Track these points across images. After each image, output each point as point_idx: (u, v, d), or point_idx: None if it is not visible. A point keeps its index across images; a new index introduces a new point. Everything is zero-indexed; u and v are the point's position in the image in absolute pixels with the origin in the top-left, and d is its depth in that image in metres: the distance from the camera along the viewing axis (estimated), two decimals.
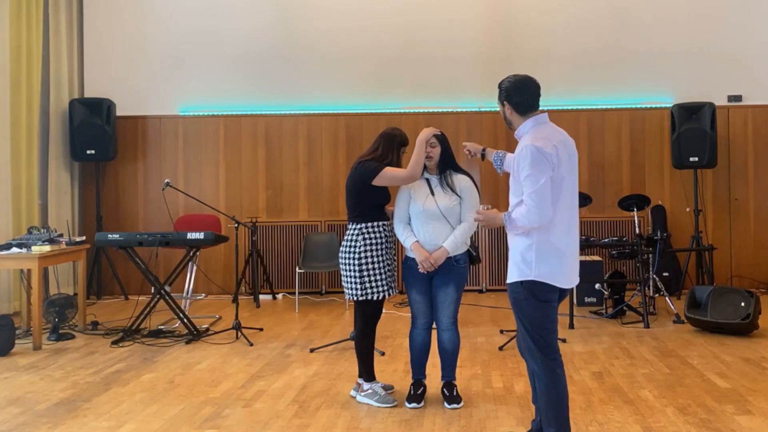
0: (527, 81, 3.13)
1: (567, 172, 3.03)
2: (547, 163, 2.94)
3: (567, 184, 3.03)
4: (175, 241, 5.87)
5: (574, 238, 3.11)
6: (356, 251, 3.95)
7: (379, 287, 3.97)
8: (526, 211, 2.96)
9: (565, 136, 3.13)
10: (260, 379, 4.59)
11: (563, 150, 3.03)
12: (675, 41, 7.95)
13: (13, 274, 6.77)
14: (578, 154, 3.22)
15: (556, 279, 3.03)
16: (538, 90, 3.14)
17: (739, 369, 4.64)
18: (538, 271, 3.00)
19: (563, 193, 3.01)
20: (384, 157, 4.00)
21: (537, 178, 2.92)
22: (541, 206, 2.93)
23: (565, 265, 3.05)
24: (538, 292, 3.02)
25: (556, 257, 3.02)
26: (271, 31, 8.21)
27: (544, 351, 3.03)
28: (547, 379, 3.03)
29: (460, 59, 8.02)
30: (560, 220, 3.02)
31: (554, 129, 3.12)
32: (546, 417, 3.05)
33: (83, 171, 8.28)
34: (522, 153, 2.99)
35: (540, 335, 3.03)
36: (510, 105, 3.13)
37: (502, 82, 3.19)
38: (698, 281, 7.45)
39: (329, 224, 8.05)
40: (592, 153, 7.97)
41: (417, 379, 4.09)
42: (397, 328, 6.05)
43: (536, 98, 3.13)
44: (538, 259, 3.00)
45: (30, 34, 7.28)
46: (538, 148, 2.94)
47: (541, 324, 3.03)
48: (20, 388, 4.47)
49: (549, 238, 3.01)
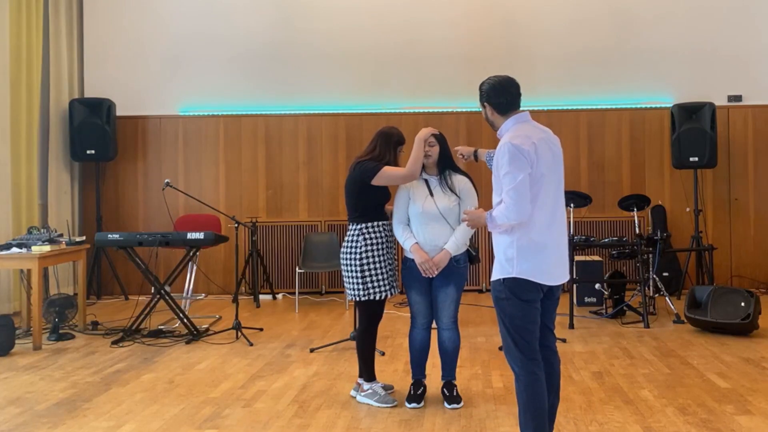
0: (506, 82, 3.15)
1: (548, 170, 3.04)
2: (525, 160, 2.95)
3: (548, 182, 3.05)
4: (175, 241, 5.87)
5: (558, 235, 3.11)
6: (357, 251, 3.95)
7: (381, 287, 3.97)
8: (505, 208, 2.97)
9: (548, 134, 3.15)
10: (260, 379, 4.59)
11: (544, 148, 3.05)
12: (675, 41, 7.95)
13: (13, 274, 6.77)
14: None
15: (537, 276, 3.01)
16: (518, 90, 3.16)
17: (739, 369, 4.64)
18: (519, 268, 3.00)
19: (543, 190, 3.02)
20: (381, 156, 4.00)
21: (515, 175, 2.94)
22: (520, 203, 2.94)
23: (547, 262, 3.04)
24: (519, 291, 3.00)
25: (537, 254, 3.01)
26: (270, 31, 8.21)
27: (524, 352, 3.01)
28: (525, 380, 3.00)
29: (459, 59, 8.02)
30: (540, 217, 3.02)
31: (535, 127, 3.14)
32: (524, 418, 3.02)
33: (83, 171, 8.28)
34: (500, 151, 3.01)
35: (520, 335, 3.01)
36: (490, 106, 3.16)
37: (483, 84, 3.20)
38: (698, 281, 7.45)
39: (329, 224, 8.05)
40: (592, 153, 7.97)
41: (417, 379, 4.09)
42: (397, 328, 6.05)
43: (516, 98, 3.15)
44: (519, 256, 3.00)
45: (30, 35, 7.28)
46: (516, 145, 2.96)
47: (522, 324, 3.01)
48: (20, 388, 4.47)
49: (529, 234, 3.01)
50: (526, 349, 3.01)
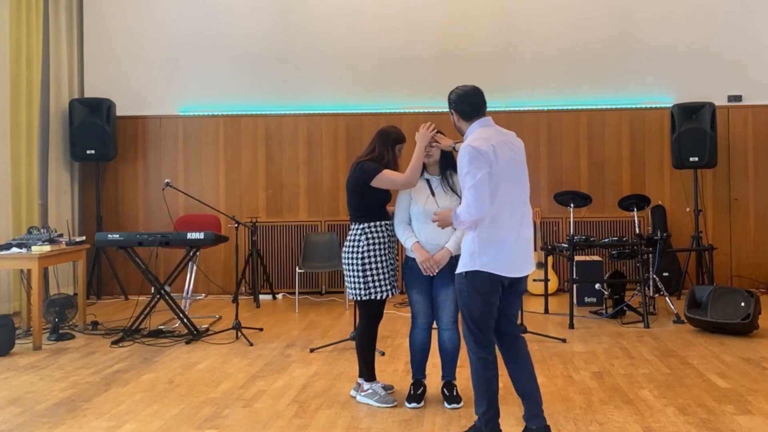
0: (470, 91, 3.47)
1: (507, 169, 3.30)
2: (484, 160, 3.22)
3: (507, 180, 3.29)
4: (175, 241, 5.87)
5: (519, 229, 3.33)
6: (359, 251, 3.95)
7: (382, 287, 3.98)
8: (466, 205, 3.23)
9: (509, 137, 3.42)
10: (260, 379, 4.59)
11: (504, 149, 3.32)
12: (675, 41, 7.95)
13: (13, 274, 6.77)
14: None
15: (498, 268, 3.26)
16: (481, 98, 3.46)
17: (739, 369, 4.64)
18: (480, 261, 3.25)
19: (503, 188, 3.27)
20: (381, 156, 4.00)
21: (474, 174, 3.20)
22: (479, 199, 3.19)
23: (507, 255, 3.28)
24: (478, 284, 3.26)
25: (497, 247, 3.26)
26: (270, 31, 8.21)
27: (477, 340, 3.31)
28: (477, 365, 3.34)
29: (459, 59, 8.02)
30: (500, 212, 3.27)
31: (497, 131, 3.41)
32: (477, 396, 3.36)
33: (83, 171, 8.28)
34: (461, 153, 3.29)
35: (476, 326, 3.30)
36: (457, 113, 3.48)
37: (451, 93, 3.53)
38: (698, 281, 7.45)
39: (329, 224, 8.05)
40: (592, 153, 7.97)
41: (417, 379, 4.09)
42: (397, 328, 6.05)
43: (479, 106, 3.45)
44: (480, 250, 3.26)
45: (30, 34, 7.28)
46: (475, 147, 3.23)
47: (479, 316, 3.29)
48: (20, 388, 4.47)
49: (490, 229, 3.27)
50: (480, 337, 3.32)
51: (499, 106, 7.87)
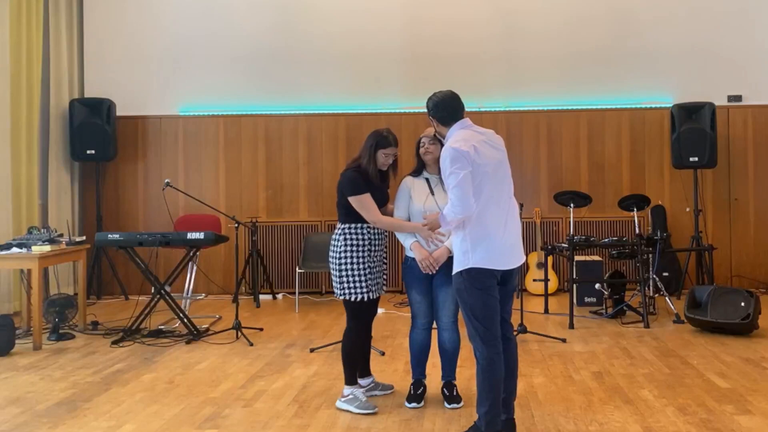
0: (447, 97, 3.55)
1: (490, 167, 3.36)
2: (465, 160, 3.28)
3: (491, 177, 3.36)
4: (175, 241, 5.87)
5: (506, 223, 3.40)
6: (337, 251, 3.96)
7: (357, 289, 3.91)
8: (451, 205, 3.30)
9: (488, 136, 3.48)
10: (260, 379, 4.59)
11: (485, 147, 3.39)
12: (675, 41, 7.95)
13: (13, 274, 6.77)
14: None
15: (491, 262, 3.32)
16: (458, 102, 3.54)
17: (739, 369, 4.64)
18: (474, 258, 3.31)
19: (487, 185, 3.34)
20: (359, 157, 3.99)
21: (457, 174, 3.27)
22: (463, 198, 3.25)
23: (497, 248, 3.34)
24: (475, 280, 3.31)
25: (487, 242, 3.32)
26: (271, 32, 8.21)
27: (484, 338, 3.32)
28: (483, 364, 3.33)
29: (459, 59, 8.02)
30: (486, 209, 3.33)
31: (476, 131, 3.47)
32: (480, 396, 3.35)
33: (83, 171, 8.28)
34: (443, 156, 3.37)
35: (480, 322, 3.32)
36: (435, 119, 3.57)
37: (428, 101, 3.61)
38: (698, 281, 7.45)
39: (329, 224, 8.05)
40: (592, 153, 7.97)
41: (417, 378, 4.09)
42: (397, 328, 6.05)
43: (456, 110, 3.52)
44: (472, 247, 3.32)
45: (30, 34, 7.28)
46: (455, 149, 3.30)
47: (482, 312, 3.32)
48: (20, 388, 4.47)
49: (478, 226, 3.33)
50: (486, 335, 3.32)
51: (499, 106, 7.86)
